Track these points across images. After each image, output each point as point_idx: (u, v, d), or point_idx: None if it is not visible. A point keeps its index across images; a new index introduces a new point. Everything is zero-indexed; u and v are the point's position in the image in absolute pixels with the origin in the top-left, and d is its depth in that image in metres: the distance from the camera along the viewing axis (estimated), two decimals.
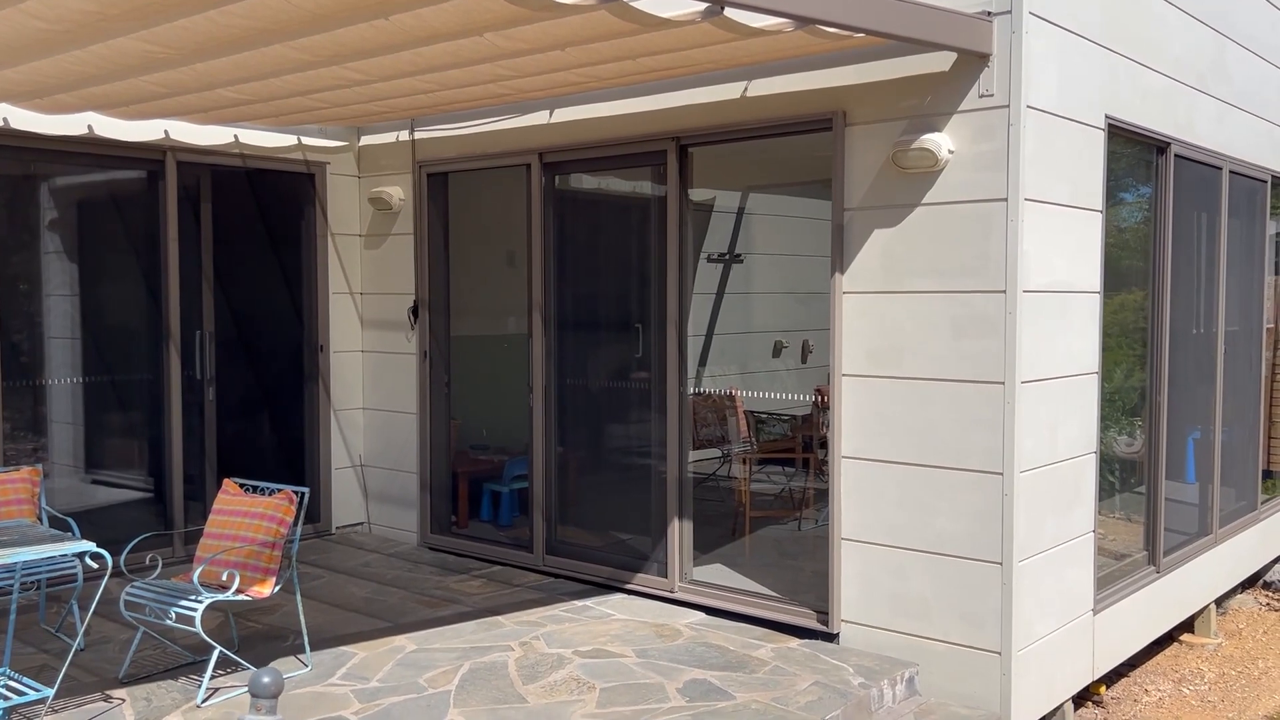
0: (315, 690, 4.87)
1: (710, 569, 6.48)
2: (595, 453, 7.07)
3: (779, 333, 10.44)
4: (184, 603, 4.73)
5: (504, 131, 6.87)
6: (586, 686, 4.89)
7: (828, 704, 4.70)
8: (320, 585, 6.61)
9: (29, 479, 5.53)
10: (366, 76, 5.06)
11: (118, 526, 6.92)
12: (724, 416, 8.61)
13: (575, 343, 6.89)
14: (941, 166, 5.03)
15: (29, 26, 3.84)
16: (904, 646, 5.24)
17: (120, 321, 7.32)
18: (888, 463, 5.28)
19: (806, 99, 5.48)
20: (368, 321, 7.99)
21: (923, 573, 5.18)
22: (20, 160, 6.53)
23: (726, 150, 6.22)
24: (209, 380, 7.43)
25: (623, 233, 6.99)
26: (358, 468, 8.07)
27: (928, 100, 5.08)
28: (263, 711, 1.90)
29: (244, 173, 7.55)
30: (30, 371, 6.81)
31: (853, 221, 5.35)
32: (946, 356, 5.08)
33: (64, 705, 4.64)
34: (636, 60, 4.97)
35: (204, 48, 4.29)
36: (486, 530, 7.67)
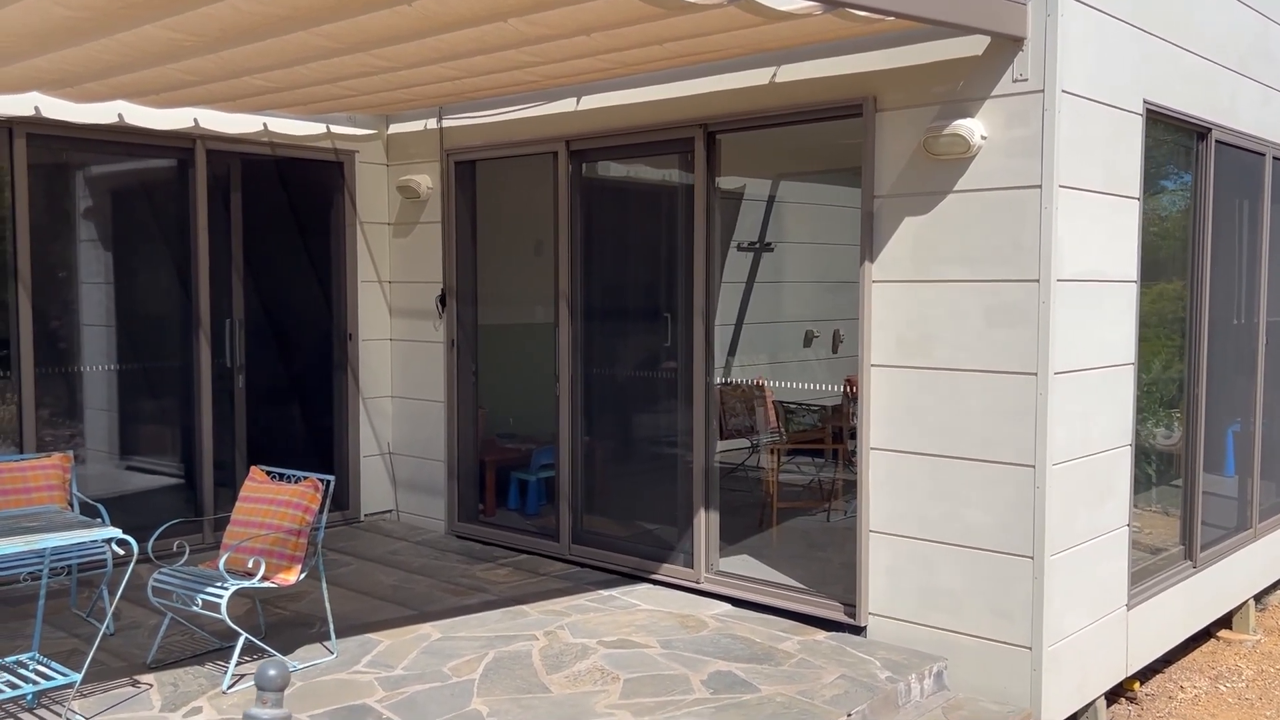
0: (340, 677, 4.88)
1: (737, 560, 6.43)
2: (622, 442, 7.04)
3: (810, 322, 10.35)
4: (210, 589, 4.75)
5: (531, 119, 6.84)
6: (610, 677, 4.87)
7: (853, 697, 4.65)
8: (348, 572, 6.63)
9: (60, 465, 5.58)
10: (392, 64, 5.03)
11: (149, 512, 6.98)
12: (752, 407, 8.55)
13: (601, 332, 6.86)
14: (974, 153, 4.94)
15: (53, 14, 3.84)
16: (932, 640, 5.18)
17: (152, 309, 7.37)
18: (917, 454, 5.20)
19: (836, 84, 5.40)
20: (396, 310, 8.00)
21: (952, 566, 5.10)
22: (52, 149, 6.57)
23: (756, 137, 6.15)
24: (239, 368, 7.47)
25: (650, 221, 6.94)
26: (386, 455, 8.09)
27: (960, 85, 4.99)
28: (269, 704, 1.89)
29: (273, 161, 7.57)
30: (66, 359, 6.87)
31: (883, 209, 5.27)
32: (978, 346, 4.99)
33: (92, 690, 4.68)
34: (663, 45, 4.91)
35: (227, 35, 4.28)
36: (513, 519, 7.67)
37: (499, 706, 4.55)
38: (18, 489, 5.35)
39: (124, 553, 4.56)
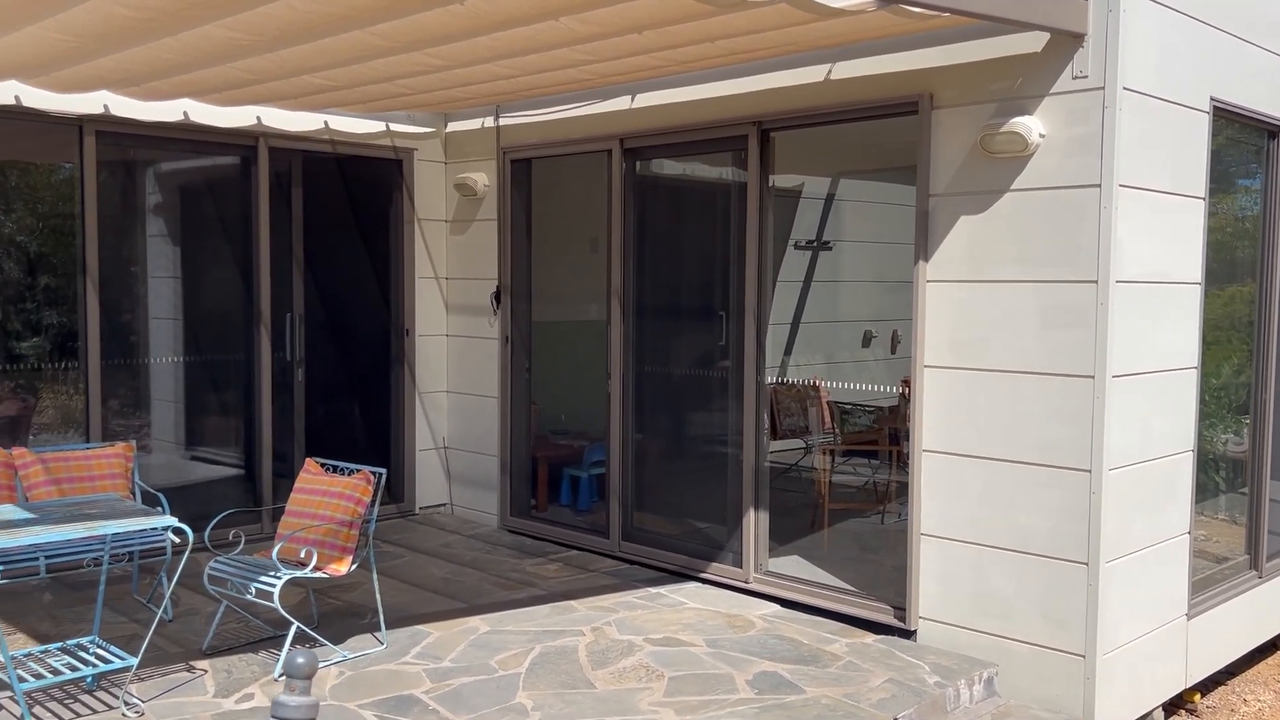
0: (389, 668, 4.94)
1: (786, 560, 6.39)
2: (673, 440, 7.03)
3: (868, 322, 10.25)
4: (263, 578, 4.84)
5: (586, 117, 6.86)
6: (655, 675, 4.87)
7: (901, 702, 4.59)
8: (401, 564, 6.72)
9: (123, 455, 5.73)
10: (447, 63, 5.09)
11: (210, 502, 7.14)
12: (806, 407, 8.49)
13: (654, 330, 6.86)
14: (1031, 151, 4.85)
15: (116, 15, 3.94)
16: (983, 646, 5.10)
17: (216, 304, 7.54)
18: (970, 457, 5.13)
19: (891, 81, 5.34)
20: (452, 306, 8.08)
21: (1005, 571, 5.02)
22: (120, 146, 6.75)
23: (813, 135, 6.11)
24: (298, 362, 7.60)
25: (703, 219, 6.93)
26: (441, 450, 8.18)
27: (1018, 82, 4.90)
28: (297, 691, 1.93)
29: (334, 159, 7.69)
30: (133, 351, 7.05)
31: (938, 208, 5.20)
32: (1033, 348, 4.90)
33: (149, 674, 4.80)
34: (716, 43, 4.90)
35: (285, 34, 4.36)
36: (565, 515, 7.70)
37: (543, 701, 4.58)
38: (82, 477, 5.51)
39: (181, 541, 4.67)
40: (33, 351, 6.71)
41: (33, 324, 6.74)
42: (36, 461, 5.45)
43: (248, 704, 4.50)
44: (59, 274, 6.74)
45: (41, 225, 6.79)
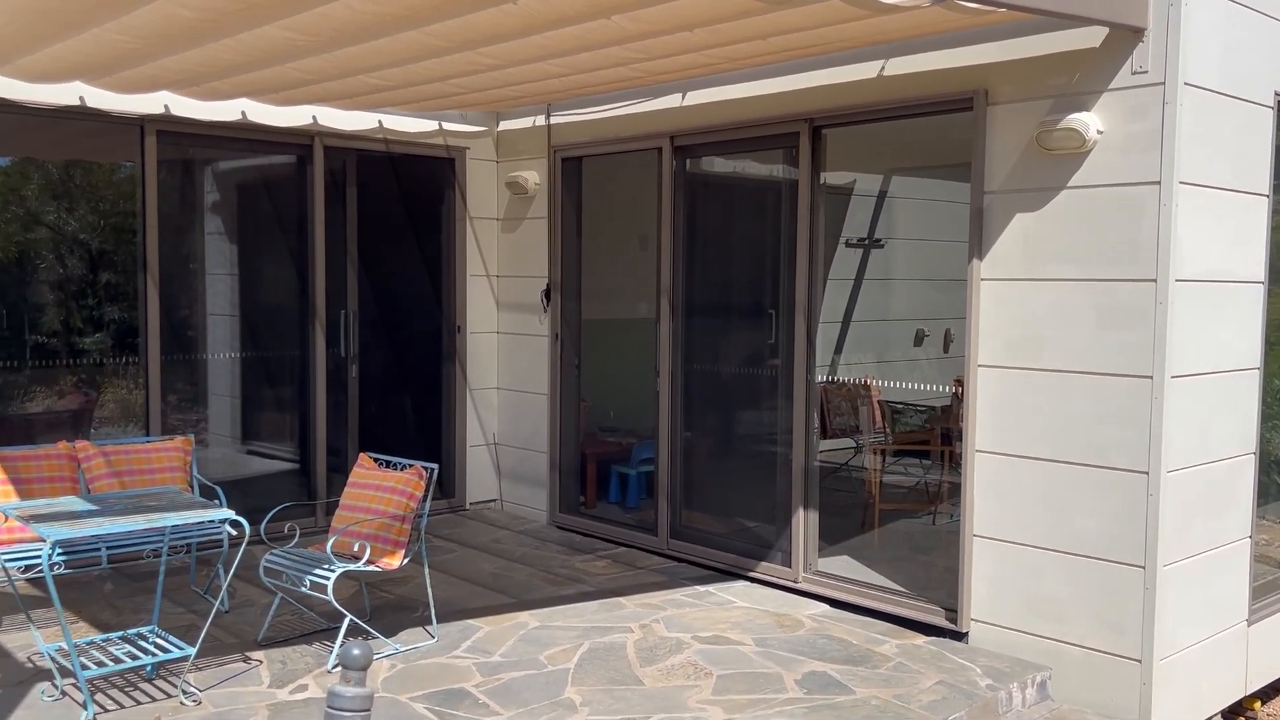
0: (440, 661, 4.99)
1: (836, 560, 6.36)
2: (721, 439, 7.02)
3: (920, 320, 10.15)
4: (318, 571, 4.92)
5: (636, 115, 6.87)
6: (703, 672, 4.87)
7: (951, 704, 4.55)
8: (452, 559, 6.78)
9: (181, 448, 5.84)
10: (499, 62, 5.12)
11: (266, 495, 7.25)
12: (857, 406, 8.43)
13: (703, 328, 6.85)
14: (1089, 148, 4.78)
15: (179, 16, 4.02)
16: (1036, 649, 5.03)
17: (272, 300, 7.66)
18: (1024, 458, 5.06)
19: (946, 78, 5.29)
20: (503, 304, 8.14)
21: (1059, 573, 4.95)
22: (179, 145, 6.88)
23: (865, 132, 6.07)
24: (352, 358, 7.70)
25: (753, 217, 6.91)
26: (491, 446, 8.24)
27: (1075, 78, 4.83)
28: (352, 682, 1.96)
29: (387, 157, 7.77)
30: (191, 347, 7.19)
31: (992, 205, 5.14)
32: (1090, 348, 4.83)
33: (207, 664, 4.89)
34: (767, 40, 4.88)
35: (341, 34, 4.42)
36: (613, 512, 7.72)
37: (592, 696, 4.60)
38: (142, 470, 5.63)
39: (237, 533, 4.75)
40: (95, 347, 6.87)
41: (95, 320, 6.90)
42: (98, 454, 5.58)
43: (301, 695, 4.57)
44: (120, 271, 6.89)
45: (103, 223, 6.94)
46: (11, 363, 6.53)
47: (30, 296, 6.68)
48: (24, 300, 6.64)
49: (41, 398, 6.74)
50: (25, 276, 6.67)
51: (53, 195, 6.84)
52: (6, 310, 6.56)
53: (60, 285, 6.81)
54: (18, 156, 6.69)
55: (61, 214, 6.83)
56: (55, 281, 6.79)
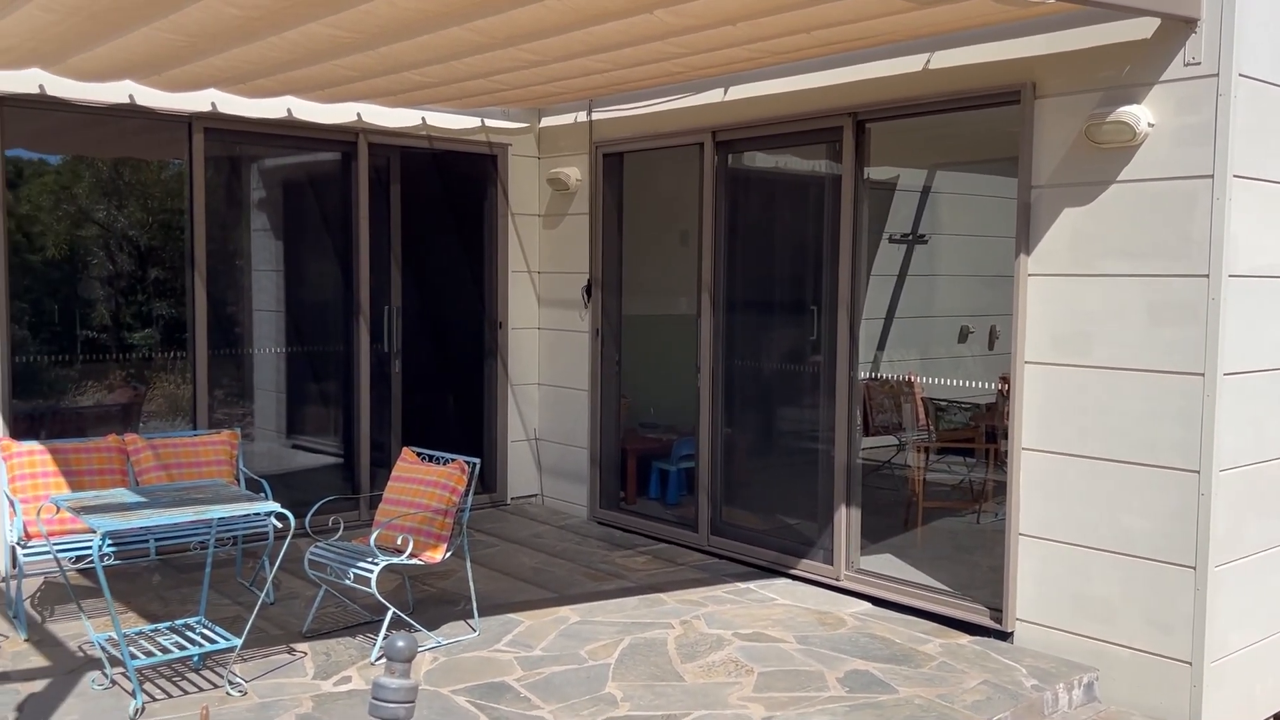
0: (482, 655, 5.02)
1: (879, 559, 6.31)
2: (762, 435, 6.99)
3: (964, 317, 10.04)
4: (361, 564, 4.95)
5: (678, 110, 6.85)
6: (744, 669, 4.85)
7: (996, 704, 4.50)
8: (493, 554, 6.81)
9: (228, 442, 5.91)
10: (541, 58, 5.13)
11: (310, 489, 7.33)
12: (900, 403, 8.35)
13: (744, 324, 6.83)
14: (1140, 141, 4.70)
15: (226, 14, 4.07)
16: (1083, 650, 4.96)
17: (316, 296, 7.73)
18: (1071, 456, 4.99)
19: (993, 71, 5.22)
20: (544, 300, 8.16)
21: (1107, 573, 4.88)
22: (226, 142, 6.96)
23: (909, 126, 6.01)
24: (396, 353, 7.75)
25: (795, 212, 6.87)
26: (532, 441, 8.27)
27: (1126, 70, 4.75)
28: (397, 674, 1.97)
29: (430, 154, 7.82)
30: (238, 342, 7.28)
31: (1040, 200, 5.07)
32: (1140, 344, 4.75)
33: (252, 655, 4.95)
34: (811, 33, 4.85)
35: (385, 31, 4.44)
36: (653, 508, 7.72)
37: (633, 692, 4.60)
38: (189, 463, 5.71)
39: (283, 526, 4.80)
40: (144, 342, 6.98)
41: (144, 315, 7.00)
42: (147, 447, 5.67)
43: (345, 686, 4.61)
44: (168, 267, 6.99)
45: (152, 220, 7.05)
46: (63, 357, 6.65)
47: (81, 292, 6.79)
48: (75, 296, 6.76)
49: (92, 391, 6.86)
50: (76, 273, 6.79)
51: (103, 193, 6.95)
52: (58, 306, 6.68)
53: (110, 281, 6.92)
54: (69, 155, 6.80)
55: (111, 211, 6.94)
56: (105, 278, 6.90)
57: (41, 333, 6.55)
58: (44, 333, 6.56)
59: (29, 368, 6.42)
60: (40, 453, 5.36)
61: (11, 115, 6.00)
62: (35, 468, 5.31)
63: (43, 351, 6.53)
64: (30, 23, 4.30)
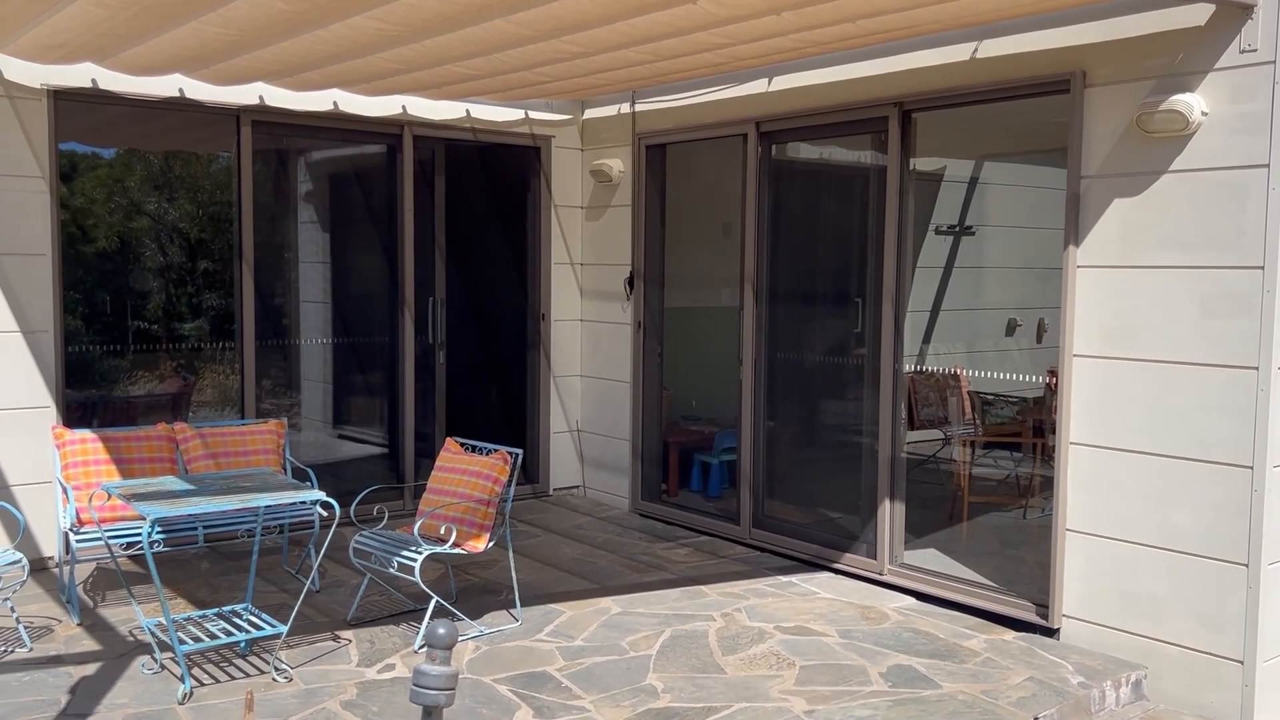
0: (524, 644, 5.04)
1: (922, 553, 6.25)
2: (805, 428, 6.96)
3: (1012, 310, 9.92)
4: (405, 553, 5.00)
5: (721, 101, 6.83)
6: (786, 663, 4.84)
7: (1042, 701, 4.44)
8: (535, 544, 6.84)
9: (275, 431, 5.99)
10: (584, 49, 5.12)
11: (355, 479, 7.41)
12: (946, 397, 8.27)
13: (787, 316, 6.79)
14: (1192, 130, 4.60)
15: (273, 8, 4.11)
16: (1131, 647, 4.89)
17: (362, 287, 7.81)
18: (1120, 451, 4.91)
19: (1042, 59, 5.14)
20: (586, 291, 8.17)
21: (1156, 570, 4.80)
22: (274, 135, 7.04)
23: (956, 116, 5.94)
24: (440, 344, 7.81)
25: (840, 203, 6.82)
26: (574, 433, 8.29)
27: (1179, 58, 4.65)
28: (437, 661, 1.98)
29: (474, 146, 7.86)
30: (285, 333, 7.37)
31: (1089, 190, 4.99)
32: (1191, 337, 4.66)
33: (298, 642, 5.01)
34: (856, 23, 4.79)
35: (431, 24, 4.46)
36: (695, 500, 7.71)
37: (674, 684, 4.60)
38: (237, 451, 5.79)
39: (328, 515, 4.86)
40: (193, 333, 7.09)
41: (193, 306, 7.11)
42: (196, 436, 5.76)
43: (389, 674, 4.66)
44: (217, 259, 7.09)
45: (201, 212, 7.15)
46: (115, 347, 6.77)
47: (132, 284, 6.91)
48: (127, 287, 6.88)
49: (143, 381, 6.98)
50: (128, 264, 6.91)
51: (154, 185, 7.06)
52: (110, 297, 6.80)
53: (161, 273, 7.03)
54: (121, 148, 6.92)
55: (162, 204, 7.05)
56: (156, 269, 7.02)
57: (94, 323, 6.67)
58: (96, 323, 6.69)
59: (82, 357, 6.55)
60: (92, 441, 5.46)
61: (65, 109, 6.11)
62: (87, 455, 5.42)
63: (95, 342, 6.65)
64: (83, 17, 4.37)
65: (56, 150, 6.09)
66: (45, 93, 5.99)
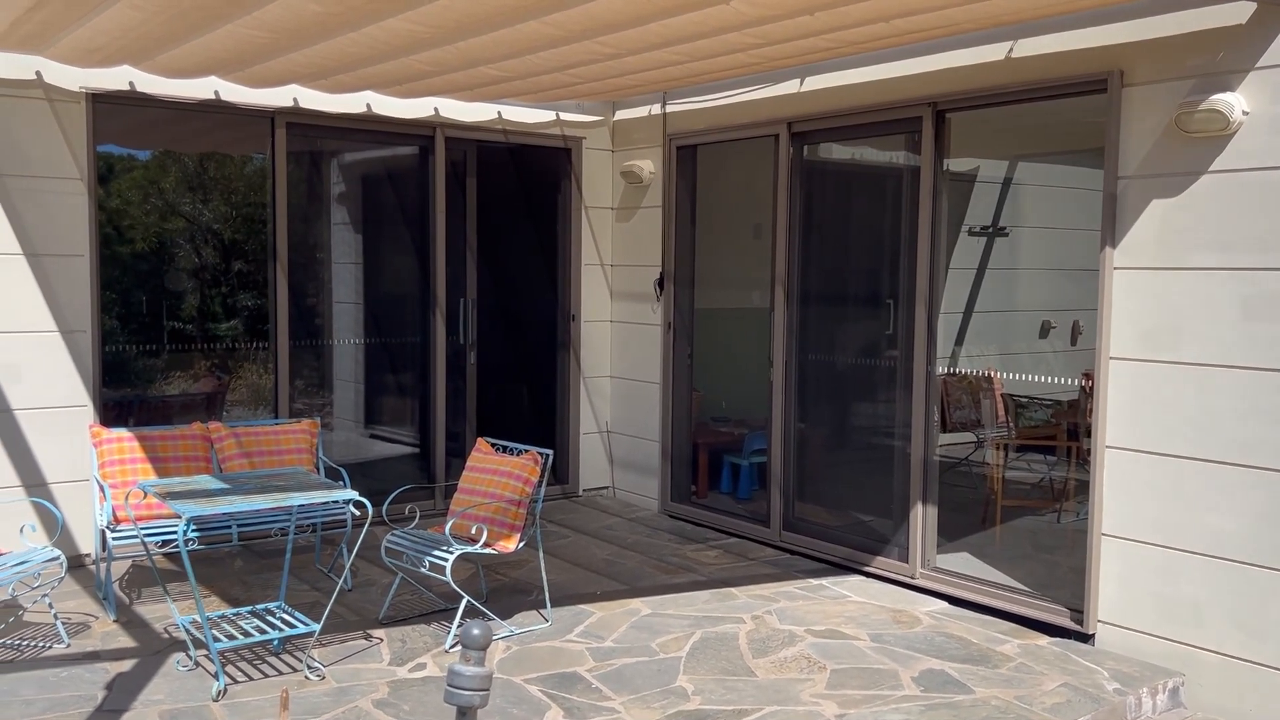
0: (554, 645, 5.04)
1: (955, 557, 6.20)
2: (836, 430, 6.92)
3: (1046, 312, 9.83)
4: (436, 553, 5.01)
5: (753, 102, 6.80)
6: (817, 666, 4.81)
7: (1076, 708, 4.39)
8: (565, 544, 6.85)
9: (308, 431, 6.03)
10: (617, 50, 5.12)
11: (387, 478, 7.44)
12: (979, 399, 8.20)
13: (818, 317, 6.76)
14: (1233, 130, 4.54)
15: (307, 11, 4.13)
16: (1168, 654, 4.82)
17: (394, 288, 7.84)
18: (1158, 454, 4.85)
19: (1078, 59, 5.09)
20: (616, 293, 8.17)
21: (1194, 575, 4.73)
22: (307, 137, 7.09)
23: (990, 116, 5.88)
24: (470, 345, 7.83)
25: (872, 204, 6.77)
26: (604, 434, 8.29)
27: (1219, 57, 4.59)
28: (472, 662, 1.98)
29: (506, 148, 7.87)
30: (318, 333, 7.42)
31: (1127, 191, 4.93)
32: (1232, 340, 4.59)
33: (330, 640, 5.04)
34: (890, 22, 4.76)
35: (463, 26, 4.48)
36: (724, 502, 7.69)
37: (704, 686, 4.58)
38: (270, 451, 5.83)
39: (361, 514, 4.88)
40: (228, 333, 7.14)
41: (228, 307, 7.17)
42: (230, 435, 5.80)
43: (420, 673, 4.68)
44: (251, 260, 7.15)
45: (235, 214, 7.21)
46: (151, 347, 6.84)
47: (168, 284, 6.98)
48: (162, 288, 6.95)
49: (178, 381, 7.05)
50: (163, 265, 6.98)
51: (189, 187, 7.13)
52: (146, 297, 6.87)
53: (195, 273, 7.10)
54: (157, 150, 6.99)
55: (197, 205, 7.11)
56: (191, 270, 7.08)
57: (130, 323, 6.74)
58: (132, 323, 6.76)
59: (118, 357, 6.62)
60: (129, 439, 5.52)
61: (103, 111, 6.18)
62: (124, 454, 5.47)
63: (131, 341, 6.72)
64: (121, 21, 4.42)
65: (94, 152, 6.16)
66: (84, 96, 6.06)
